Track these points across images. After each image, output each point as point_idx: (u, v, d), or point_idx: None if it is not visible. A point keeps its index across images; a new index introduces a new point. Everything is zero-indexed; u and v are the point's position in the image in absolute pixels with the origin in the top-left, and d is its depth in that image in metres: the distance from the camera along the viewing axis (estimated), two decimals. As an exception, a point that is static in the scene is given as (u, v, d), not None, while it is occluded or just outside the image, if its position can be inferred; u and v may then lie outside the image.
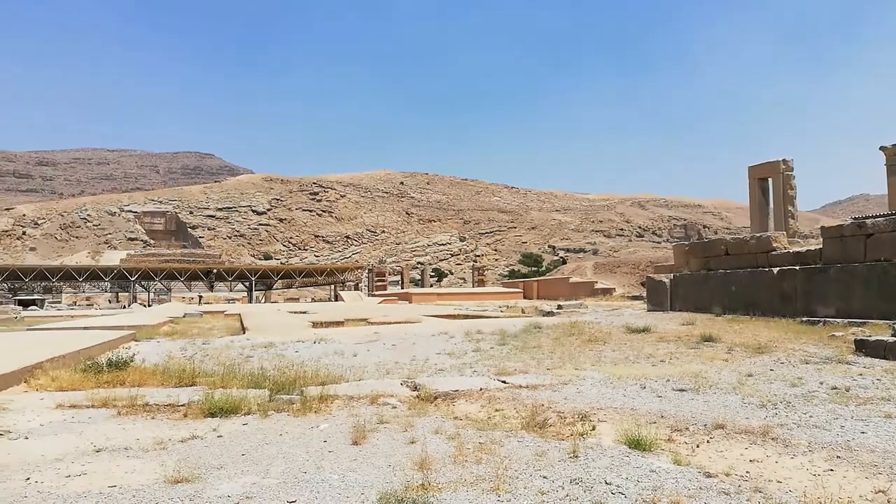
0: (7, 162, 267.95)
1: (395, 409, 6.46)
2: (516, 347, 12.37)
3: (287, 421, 6.01)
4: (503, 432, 5.45)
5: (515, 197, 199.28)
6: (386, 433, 5.46)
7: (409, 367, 9.95)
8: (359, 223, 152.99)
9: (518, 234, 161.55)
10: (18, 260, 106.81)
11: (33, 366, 8.72)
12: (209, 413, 6.16)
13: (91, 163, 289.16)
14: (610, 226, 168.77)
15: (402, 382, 7.92)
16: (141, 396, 6.79)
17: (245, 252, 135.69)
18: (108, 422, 6.03)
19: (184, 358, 11.22)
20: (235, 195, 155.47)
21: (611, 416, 6.03)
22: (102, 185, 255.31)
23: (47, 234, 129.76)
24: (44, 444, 5.20)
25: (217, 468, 4.48)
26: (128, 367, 8.92)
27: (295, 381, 7.57)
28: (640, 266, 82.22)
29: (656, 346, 11.83)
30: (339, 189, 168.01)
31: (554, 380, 8.05)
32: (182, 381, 8.01)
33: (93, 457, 4.81)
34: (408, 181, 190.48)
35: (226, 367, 9.30)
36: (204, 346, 13.74)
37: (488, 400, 6.90)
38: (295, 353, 12.26)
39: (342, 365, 10.21)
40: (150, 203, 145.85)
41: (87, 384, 7.84)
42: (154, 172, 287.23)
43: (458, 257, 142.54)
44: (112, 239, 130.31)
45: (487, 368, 9.53)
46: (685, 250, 22.48)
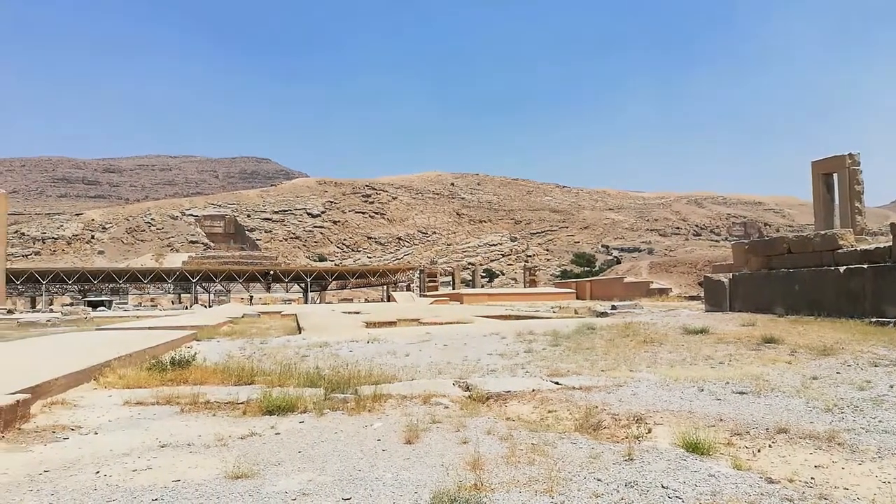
0: (77, 169, 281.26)
1: (447, 408, 6.49)
2: (569, 348, 12.23)
3: (342, 419, 6.12)
4: (556, 434, 5.41)
5: (567, 196, 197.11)
6: (438, 433, 5.49)
7: (461, 368, 9.97)
8: (410, 224, 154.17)
9: (570, 233, 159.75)
10: (88, 263, 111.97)
11: (102, 364, 9.12)
12: (267, 411, 6.32)
13: (154, 169, 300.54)
14: (665, 224, 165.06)
15: (454, 382, 7.94)
16: (202, 394, 7.02)
17: (300, 254, 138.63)
18: (171, 418, 6.26)
19: (242, 357, 11.54)
20: (291, 198, 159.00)
21: (667, 418, 5.90)
22: (165, 191, 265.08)
23: (114, 238, 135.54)
24: (112, 439, 5.43)
25: (275, 465, 4.59)
26: (190, 365, 9.23)
27: (349, 381, 7.70)
28: (698, 265, 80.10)
29: (715, 348, 11.51)
30: (391, 191, 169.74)
31: (608, 381, 7.93)
32: (241, 380, 8.23)
33: (157, 452, 5.00)
34: (458, 182, 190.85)
35: (283, 366, 9.52)
36: (262, 346, 14.09)
37: (541, 401, 6.85)
38: (349, 352, 12.44)
39: (395, 365, 10.31)
40: (210, 207, 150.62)
41: (152, 382, 8.15)
42: (213, 177, 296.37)
43: (510, 258, 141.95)
44: (174, 242, 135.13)
45: (540, 369, 9.46)
46: (745, 249, 21.78)
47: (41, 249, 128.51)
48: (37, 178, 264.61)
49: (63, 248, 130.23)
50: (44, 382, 7.11)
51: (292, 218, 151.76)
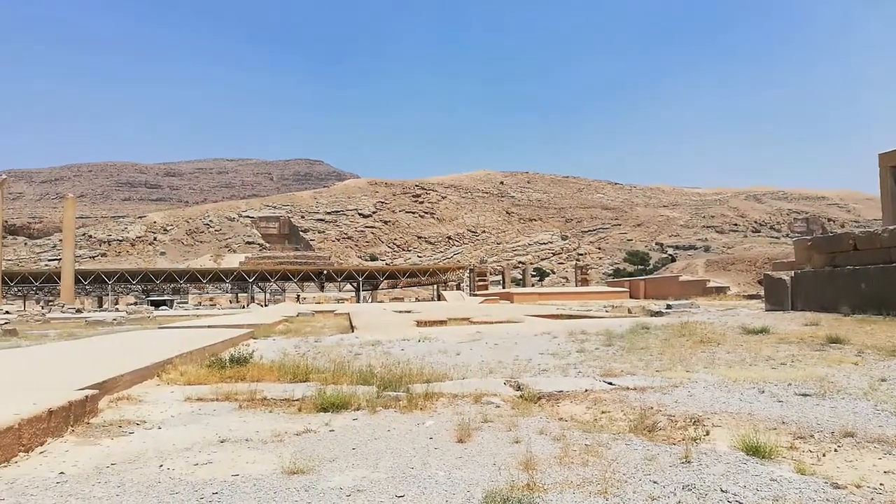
0: (139, 173, 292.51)
1: (498, 408, 6.47)
2: (623, 348, 12.02)
3: (394, 417, 6.17)
4: (610, 435, 5.32)
5: (619, 193, 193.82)
6: (490, 432, 5.48)
7: (512, 367, 9.92)
8: (460, 224, 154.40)
9: (623, 231, 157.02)
10: (150, 263, 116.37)
11: (164, 361, 9.46)
12: (321, 408, 6.43)
13: (212, 172, 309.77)
14: (722, 221, 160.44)
15: (506, 382, 7.91)
16: (259, 391, 7.19)
17: (352, 254, 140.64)
18: (230, 414, 6.44)
19: (297, 355, 11.77)
20: (343, 199, 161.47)
21: (726, 420, 5.73)
22: (222, 193, 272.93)
23: (175, 240, 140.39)
24: (174, 433, 5.63)
25: (330, 461, 4.67)
26: (247, 363, 9.48)
27: (401, 379, 7.76)
28: (757, 263, 77.61)
29: (776, 348, 11.12)
30: (441, 190, 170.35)
31: (663, 382, 7.76)
32: (296, 377, 8.40)
33: (217, 447, 5.15)
34: (508, 181, 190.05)
35: (336, 364, 9.67)
36: (316, 344, 14.35)
37: (594, 401, 6.76)
38: (401, 351, 12.54)
39: (446, 363, 10.34)
40: (266, 209, 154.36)
41: (211, 379, 8.41)
42: (268, 180, 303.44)
43: (560, 256, 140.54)
44: (231, 243, 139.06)
45: (593, 369, 9.33)
46: (807, 245, 20.96)
47: (107, 251, 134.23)
48: (102, 182, 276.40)
49: (127, 249, 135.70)
50: (110, 379, 7.42)
51: (344, 218, 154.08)
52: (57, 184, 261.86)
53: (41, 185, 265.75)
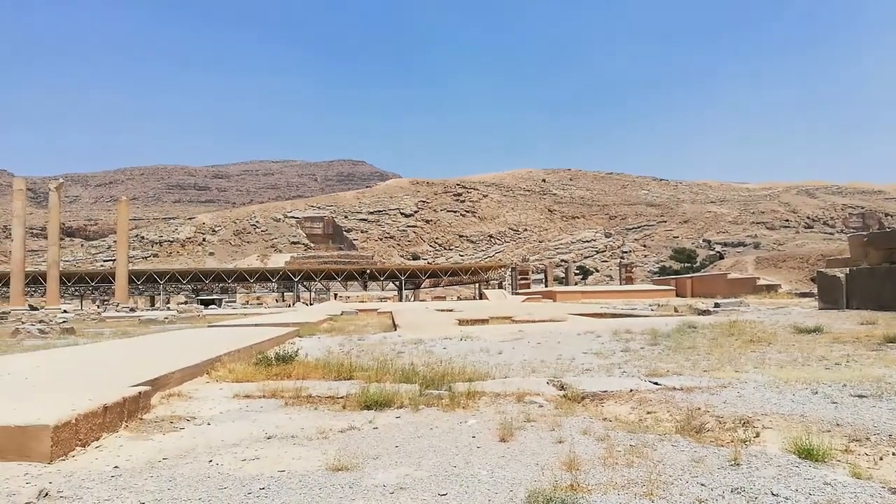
0: (189, 176, 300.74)
1: (541, 407, 6.43)
2: (669, 348, 11.80)
3: (436, 415, 6.19)
4: (656, 435, 5.23)
5: (665, 189, 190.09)
6: (533, 431, 5.45)
7: (555, 366, 9.84)
8: (501, 222, 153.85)
9: (669, 228, 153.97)
10: (200, 263, 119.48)
11: (213, 359, 9.71)
12: (365, 405, 6.49)
13: (258, 174, 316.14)
14: (773, 217, 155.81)
15: (549, 381, 7.85)
16: (305, 388, 7.31)
17: (395, 253, 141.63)
18: (276, 411, 6.56)
19: (342, 353, 11.91)
20: (385, 199, 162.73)
21: (777, 422, 5.56)
22: (268, 194, 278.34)
23: (223, 240, 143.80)
24: (223, 430, 5.76)
25: (373, 458, 4.71)
26: (293, 361, 9.64)
27: (443, 377, 7.78)
28: (810, 260, 75.13)
29: (830, 348, 10.75)
30: (482, 189, 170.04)
31: (711, 382, 7.58)
32: (340, 375, 8.50)
33: (264, 443, 5.26)
34: (550, 178, 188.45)
35: (379, 362, 9.76)
36: (359, 342, 14.51)
37: (639, 401, 6.65)
38: (443, 349, 12.57)
39: (488, 362, 10.32)
40: (310, 209, 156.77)
41: (258, 376, 8.58)
42: (312, 180, 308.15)
43: (604, 254, 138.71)
44: (277, 243, 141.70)
45: (638, 369, 9.18)
46: (863, 241, 20.18)
47: (158, 252, 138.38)
48: (154, 185, 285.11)
49: (178, 250, 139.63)
50: (162, 376, 7.65)
51: (386, 218, 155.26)
52: (111, 187, 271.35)
53: (96, 188, 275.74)
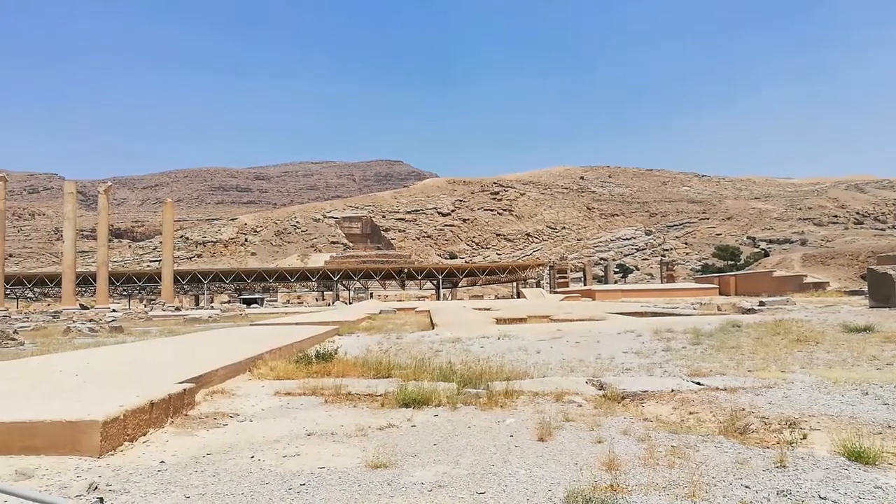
0: (231, 178, 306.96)
1: (580, 407, 6.37)
2: (712, 347, 11.56)
3: (474, 414, 6.19)
4: (698, 436, 5.13)
5: (707, 185, 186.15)
6: (572, 431, 5.40)
7: (594, 366, 9.73)
8: (539, 220, 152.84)
9: (711, 225, 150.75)
10: (242, 263, 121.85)
11: (255, 357, 9.89)
12: (403, 403, 6.53)
13: (298, 175, 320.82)
14: (821, 212, 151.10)
15: (588, 381, 7.77)
16: (344, 386, 7.39)
17: (432, 252, 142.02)
18: (316, 408, 6.65)
19: (380, 351, 12.01)
20: (422, 198, 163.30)
21: (825, 423, 5.40)
22: (308, 195, 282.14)
23: (264, 241, 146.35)
24: (264, 426, 5.87)
25: (411, 456, 4.74)
26: (332, 359, 9.76)
27: (481, 376, 7.78)
28: (860, 257, 72.60)
29: (881, 348, 10.38)
30: (519, 187, 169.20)
31: (756, 382, 7.39)
32: (379, 373, 8.58)
33: (304, 440, 5.33)
34: (588, 175, 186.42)
35: (417, 360, 9.79)
36: (398, 341, 14.60)
37: (681, 402, 6.53)
38: (480, 348, 12.56)
39: (526, 361, 10.27)
40: (348, 209, 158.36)
41: (299, 374, 8.71)
42: (351, 181, 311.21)
43: (644, 252, 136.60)
44: (317, 243, 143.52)
45: (679, 369, 9.02)
46: (918, 237, 19.40)
47: (202, 252, 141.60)
48: (197, 187, 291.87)
49: (221, 250, 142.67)
50: (206, 373, 7.83)
51: (424, 217, 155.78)
52: (156, 189, 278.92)
53: (142, 190, 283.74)
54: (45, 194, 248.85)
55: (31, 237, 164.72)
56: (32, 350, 15.63)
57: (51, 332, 24.51)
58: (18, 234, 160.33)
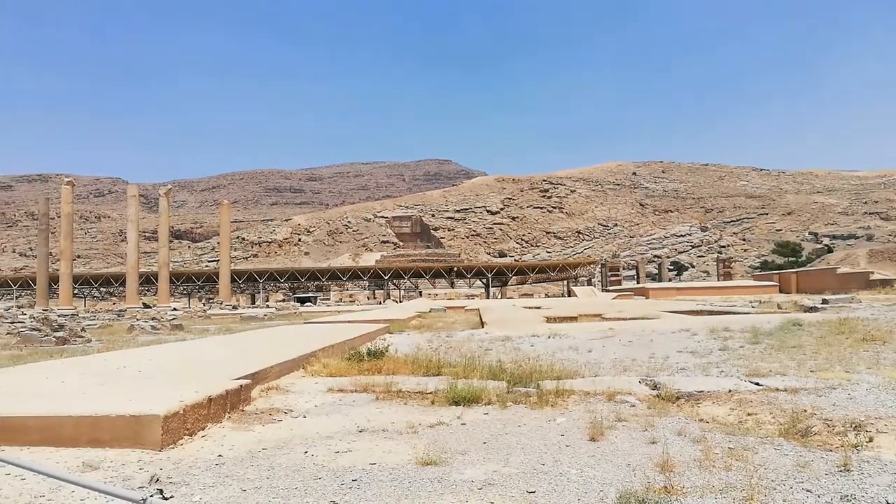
0: (284, 179, 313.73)
1: (633, 407, 6.26)
2: (771, 346, 11.18)
3: (524, 413, 6.16)
4: (757, 438, 4.97)
5: (766, 180, 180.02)
6: (624, 431, 5.31)
7: (648, 365, 9.55)
8: (590, 217, 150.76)
9: (770, 220, 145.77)
10: (296, 263, 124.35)
11: (309, 354, 10.09)
12: (453, 401, 6.55)
13: (349, 175, 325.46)
14: (889, 206, 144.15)
15: (641, 380, 7.63)
16: (395, 383, 7.46)
17: (481, 250, 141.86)
18: (368, 405, 6.74)
19: (430, 349, 12.08)
20: (471, 197, 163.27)
21: (893, 426, 5.15)
22: (359, 195, 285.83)
23: (317, 240, 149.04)
24: (317, 422, 5.98)
25: (461, 454, 4.75)
26: (383, 356, 9.88)
27: (531, 375, 7.73)
28: (933, 252, 68.88)
29: (957, 348, 9.84)
30: (569, 184, 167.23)
31: (819, 383, 7.12)
32: (429, 371, 8.63)
33: (356, 436, 5.41)
34: (640, 171, 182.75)
35: (467, 358, 9.80)
36: (447, 339, 14.65)
37: (738, 402, 6.34)
38: (530, 346, 12.49)
39: (577, 360, 10.16)
40: (398, 209, 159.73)
41: (350, 371, 8.85)
42: (401, 181, 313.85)
43: (700, 249, 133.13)
44: (368, 242, 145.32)
45: (737, 369, 8.76)
46: None
47: (258, 252, 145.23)
48: (253, 189, 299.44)
49: (275, 250, 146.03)
50: (261, 370, 8.03)
51: (473, 216, 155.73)
52: (214, 191, 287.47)
53: (201, 193, 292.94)
54: (109, 198, 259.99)
55: (98, 239, 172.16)
56: (99, 347, 16.35)
57: (116, 330, 25.57)
58: (85, 236, 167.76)
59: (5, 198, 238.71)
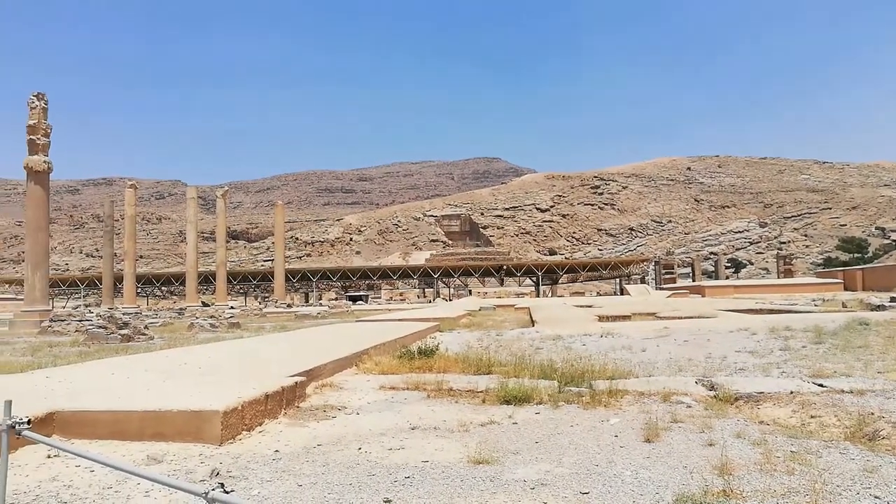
0: (336, 180, 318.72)
1: (689, 408, 6.12)
2: (836, 346, 10.75)
3: (576, 413, 6.10)
4: (820, 441, 4.80)
5: (829, 173, 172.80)
6: (680, 433, 5.20)
7: (704, 365, 9.32)
8: (642, 214, 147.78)
9: (834, 215, 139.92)
10: (347, 262, 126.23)
11: (361, 352, 10.24)
12: (504, 400, 6.54)
13: (399, 175, 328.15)
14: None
15: (697, 381, 7.44)
16: (445, 382, 7.50)
17: (531, 248, 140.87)
18: (419, 403, 6.79)
19: (480, 348, 12.08)
20: (520, 195, 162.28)
21: (972, 433, 4.88)
22: (409, 194, 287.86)
23: (368, 240, 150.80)
24: (370, 419, 6.06)
25: (513, 453, 4.74)
26: (434, 355, 9.93)
27: (583, 374, 7.65)
28: None
29: None
30: (621, 180, 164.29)
31: (887, 385, 6.80)
32: (479, 370, 8.63)
33: (408, 433, 5.46)
34: (695, 166, 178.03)
35: (517, 357, 9.78)
36: (497, 338, 14.62)
37: (801, 404, 6.11)
38: (582, 346, 12.35)
39: (630, 360, 10.00)
40: (447, 207, 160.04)
41: (402, 369, 8.94)
42: (449, 179, 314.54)
43: (759, 245, 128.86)
44: (417, 241, 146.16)
45: (799, 369, 8.46)
46: None
47: (311, 251, 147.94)
48: (305, 189, 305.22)
49: (328, 249, 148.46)
50: (315, 367, 8.19)
51: (522, 214, 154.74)
52: (268, 192, 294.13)
53: (256, 194, 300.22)
54: (170, 200, 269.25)
55: (158, 240, 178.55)
56: (161, 344, 16.97)
57: (176, 328, 26.48)
58: (147, 237, 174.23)
59: (73, 201, 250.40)
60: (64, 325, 25.34)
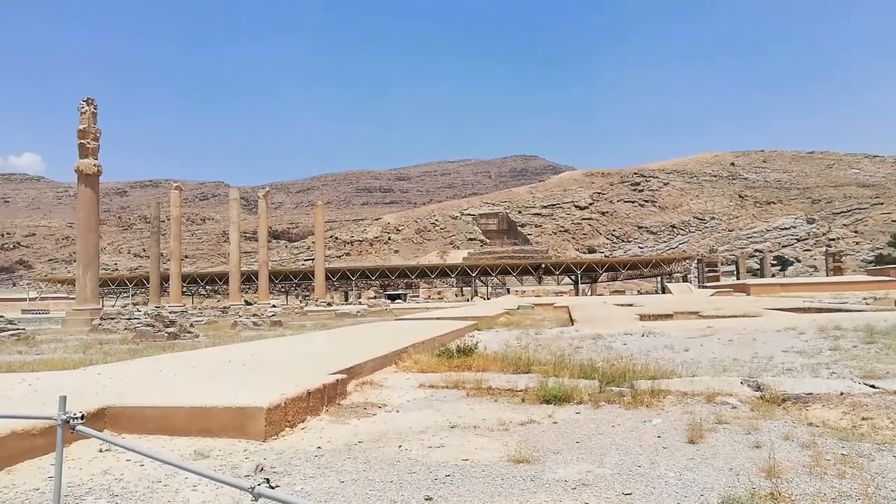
0: (374, 180, 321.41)
1: (734, 409, 5.99)
2: (888, 346, 10.38)
3: (618, 413, 6.03)
4: (873, 444, 4.64)
5: (881, 167, 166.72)
6: (725, 434, 5.10)
7: (750, 365, 9.10)
8: (684, 211, 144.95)
9: (886, 211, 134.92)
10: (386, 261, 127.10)
11: (400, 350, 10.30)
12: (544, 399, 6.50)
13: (436, 174, 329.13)
14: None
15: (743, 381, 7.27)
16: (485, 380, 7.50)
17: (569, 246, 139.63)
18: (458, 402, 6.80)
19: (519, 347, 12.04)
20: (558, 192, 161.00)
21: None
22: (446, 193, 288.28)
23: (406, 239, 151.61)
24: (410, 417, 6.10)
25: (554, 453, 4.71)
26: (472, 353, 9.93)
27: (624, 374, 7.55)
28: None
29: None
30: (662, 177, 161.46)
31: (945, 387, 6.54)
32: (518, 369, 8.60)
33: (448, 432, 5.48)
34: (739, 161, 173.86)
35: (557, 356, 9.71)
36: (536, 337, 14.54)
37: (852, 406, 5.92)
38: (623, 345, 12.20)
39: (672, 360, 9.83)
40: (485, 206, 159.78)
41: (441, 367, 8.96)
42: (487, 178, 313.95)
43: (806, 242, 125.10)
44: (455, 240, 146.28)
45: (850, 370, 8.19)
46: None
47: (350, 251, 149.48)
48: (344, 189, 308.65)
49: (367, 248, 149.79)
50: (356, 365, 8.28)
51: (560, 211, 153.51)
52: (308, 193, 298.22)
53: (296, 194, 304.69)
54: (213, 201, 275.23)
55: (203, 240, 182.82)
56: (206, 342, 17.37)
57: (220, 326, 27.07)
58: (192, 238, 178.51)
59: (121, 203, 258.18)
60: (113, 323, 26.18)
